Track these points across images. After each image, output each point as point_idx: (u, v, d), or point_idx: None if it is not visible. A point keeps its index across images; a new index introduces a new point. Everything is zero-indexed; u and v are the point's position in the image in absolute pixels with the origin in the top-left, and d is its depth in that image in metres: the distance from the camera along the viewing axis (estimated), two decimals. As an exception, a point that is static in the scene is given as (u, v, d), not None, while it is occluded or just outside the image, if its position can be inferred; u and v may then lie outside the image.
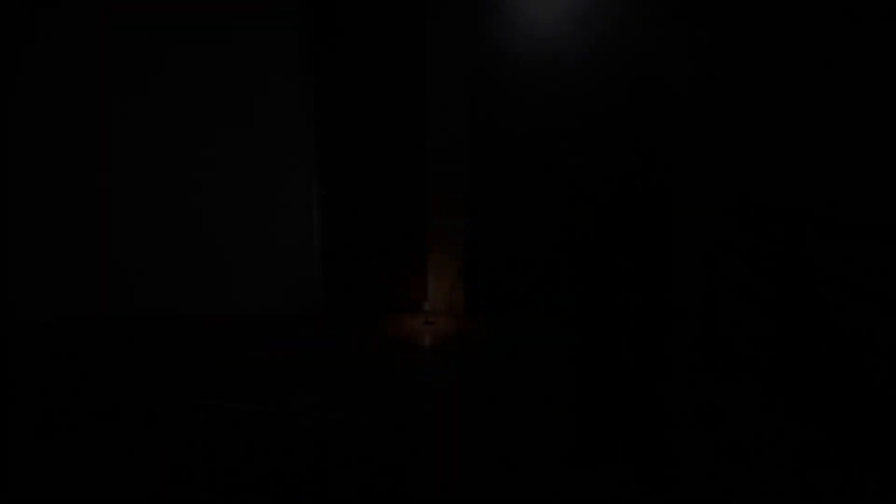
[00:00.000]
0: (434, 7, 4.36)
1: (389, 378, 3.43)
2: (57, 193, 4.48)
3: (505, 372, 3.47)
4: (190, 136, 4.48)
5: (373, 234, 4.69)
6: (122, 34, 4.35)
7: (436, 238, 4.62)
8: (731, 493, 2.23)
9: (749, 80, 3.98)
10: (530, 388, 3.21)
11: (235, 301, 4.63)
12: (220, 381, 3.41)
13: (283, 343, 4.03)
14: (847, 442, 2.62)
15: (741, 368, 3.37)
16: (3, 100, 4.19)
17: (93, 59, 4.36)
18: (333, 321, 4.51)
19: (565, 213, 1.83)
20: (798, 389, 3.00)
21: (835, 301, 3.11)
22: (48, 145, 4.43)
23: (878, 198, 3.58)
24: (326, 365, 3.63)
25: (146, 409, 3.03)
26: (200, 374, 3.49)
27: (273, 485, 2.37)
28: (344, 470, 2.46)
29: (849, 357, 2.90)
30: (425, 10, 4.39)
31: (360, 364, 3.64)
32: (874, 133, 3.71)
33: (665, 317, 1.97)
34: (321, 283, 4.70)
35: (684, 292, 2.29)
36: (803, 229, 3.03)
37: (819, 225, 3.12)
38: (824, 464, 2.46)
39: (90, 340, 4.09)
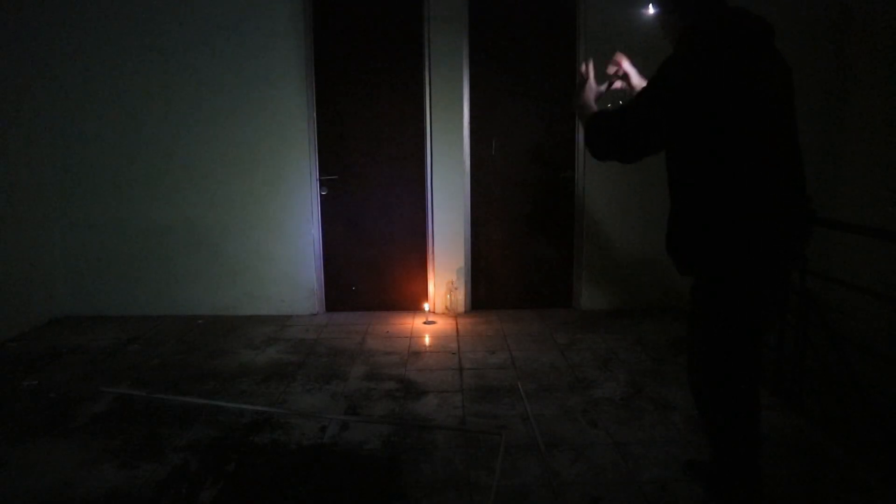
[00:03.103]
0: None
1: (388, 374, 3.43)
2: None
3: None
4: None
5: (374, 233, 4.69)
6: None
7: (438, 238, 4.63)
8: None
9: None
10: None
11: (242, 303, 4.65)
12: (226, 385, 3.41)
13: (284, 343, 4.04)
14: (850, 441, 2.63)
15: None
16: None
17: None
18: (333, 320, 4.52)
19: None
20: (798, 387, 2.99)
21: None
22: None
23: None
24: (326, 365, 3.63)
25: (147, 408, 3.04)
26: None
27: (273, 483, 2.37)
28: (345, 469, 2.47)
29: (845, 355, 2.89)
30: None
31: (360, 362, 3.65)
32: None
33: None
34: (322, 284, 4.71)
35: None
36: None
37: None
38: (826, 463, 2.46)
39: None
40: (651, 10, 2.04)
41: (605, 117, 1.92)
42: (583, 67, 2.16)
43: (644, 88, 1.86)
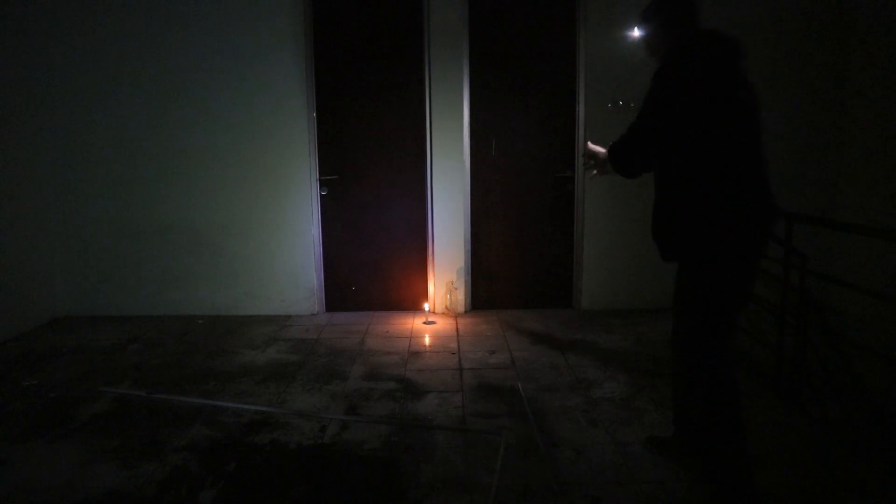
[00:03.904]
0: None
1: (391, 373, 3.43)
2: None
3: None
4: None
5: (374, 233, 4.69)
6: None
7: (438, 237, 4.63)
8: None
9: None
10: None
11: (242, 303, 4.65)
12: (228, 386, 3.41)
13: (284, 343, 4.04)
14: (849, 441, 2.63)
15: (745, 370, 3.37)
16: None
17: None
18: (333, 320, 4.52)
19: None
20: (799, 388, 2.99)
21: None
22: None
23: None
24: (327, 365, 3.63)
25: (147, 408, 3.04)
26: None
27: (272, 483, 2.37)
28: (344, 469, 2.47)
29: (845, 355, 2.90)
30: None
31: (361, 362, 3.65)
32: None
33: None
34: (322, 284, 4.71)
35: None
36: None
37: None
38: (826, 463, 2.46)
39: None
40: (637, 31, 2.31)
41: (620, 142, 2.18)
42: (585, 154, 2.46)
43: (644, 100, 2.08)
